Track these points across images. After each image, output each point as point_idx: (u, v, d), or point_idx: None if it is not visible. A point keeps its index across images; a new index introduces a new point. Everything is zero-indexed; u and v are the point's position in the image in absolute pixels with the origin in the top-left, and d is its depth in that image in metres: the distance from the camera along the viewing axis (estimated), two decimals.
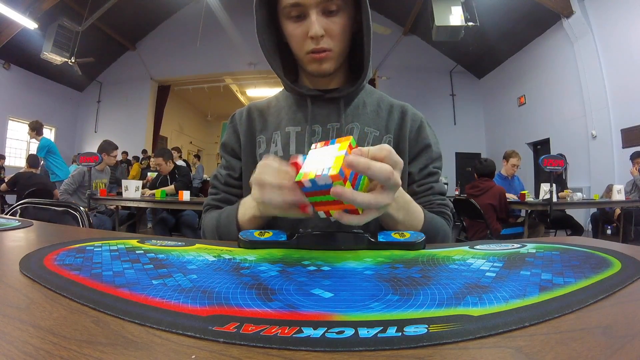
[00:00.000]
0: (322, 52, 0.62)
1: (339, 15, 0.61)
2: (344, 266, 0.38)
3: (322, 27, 0.60)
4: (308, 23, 0.60)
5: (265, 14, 0.66)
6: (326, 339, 0.20)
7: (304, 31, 0.61)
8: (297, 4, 0.59)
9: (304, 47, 0.63)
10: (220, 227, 0.63)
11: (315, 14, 0.59)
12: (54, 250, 0.42)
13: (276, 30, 0.68)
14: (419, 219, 0.58)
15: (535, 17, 6.15)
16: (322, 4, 0.59)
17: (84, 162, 2.89)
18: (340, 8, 0.61)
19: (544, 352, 0.18)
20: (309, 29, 0.60)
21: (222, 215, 0.64)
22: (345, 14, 0.62)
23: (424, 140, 0.71)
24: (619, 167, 5.01)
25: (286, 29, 0.64)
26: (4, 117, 7.81)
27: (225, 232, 0.61)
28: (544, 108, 6.69)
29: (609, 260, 0.37)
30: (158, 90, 9.59)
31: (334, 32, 0.61)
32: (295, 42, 0.63)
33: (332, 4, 0.60)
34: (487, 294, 0.27)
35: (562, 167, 2.82)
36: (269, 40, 0.68)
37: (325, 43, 0.61)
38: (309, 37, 0.60)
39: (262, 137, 0.71)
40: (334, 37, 0.62)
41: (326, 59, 0.63)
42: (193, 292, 0.28)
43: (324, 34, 0.60)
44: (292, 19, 0.62)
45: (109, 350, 0.19)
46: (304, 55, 0.64)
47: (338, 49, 0.63)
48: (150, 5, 7.93)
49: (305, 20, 0.61)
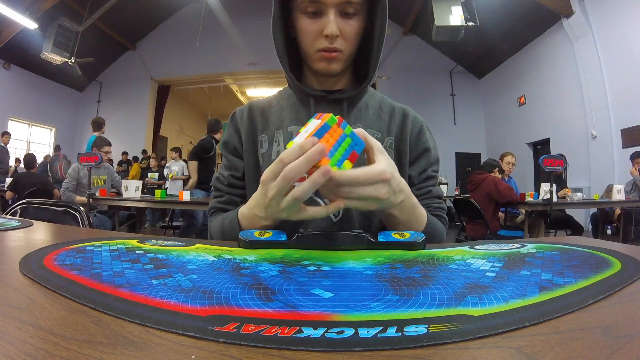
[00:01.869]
0: (333, 52, 0.62)
1: (354, 19, 0.62)
2: (344, 266, 0.38)
3: (338, 27, 0.60)
4: (325, 21, 0.60)
5: (278, 7, 0.66)
6: (326, 339, 0.20)
7: (319, 28, 0.61)
8: (316, 1, 0.59)
9: (315, 44, 0.63)
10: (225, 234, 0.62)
11: (333, 13, 0.60)
12: (54, 250, 0.42)
13: (285, 27, 0.68)
14: (422, 222, 0.59)
15: (535, 17, 6.15)
16: (341, 5, 0.60)
17: (84, 162, 2.89)
18: (357, 12, 0.61)
19: (544, 352, 0.18)
20: (324, 27, 0.60)
21: (226, 220, 0.63)
22: (361, 18, 0.63)
23: (423, 144, 0.71)
24: (619, 167, 5.01)
25: (300, 24, 0.63)
26: (4, 117, 7.82)
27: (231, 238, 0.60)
28: (544, 108, 6.69)
29: (609, 260, 0.37)
30: (158, 90, 9.60)
31: (348, 35, 0.62)
32: (307, 38, 0.63)
33: (351, 6, 0.60)
34: (487, 294, 0.27)
35: (562, 167, 2.83)
36: (280, 36, 0.67)
37: (338, 43, 0.62)
38: (324, 35, 0.60)
39: (264, 136, 0.71)
40: (347, 39, 0.62)
41: (336, 60, 0.63)
42: (193, 292, 0.28)
43: (339, 34, 0.60)
44: (308, 14, 0.62)
45: (109, 350, 0.18)
46: (314, 52, 0.64)
47: (348, 51, 0.64)
48: (150, 5, 7.93)
49: (321, 18, 0.61)
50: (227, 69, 8.95)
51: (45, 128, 9.06)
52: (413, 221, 0.56)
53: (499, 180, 3.10)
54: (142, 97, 9.32)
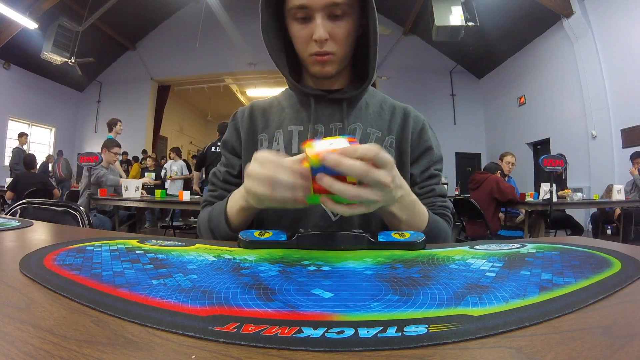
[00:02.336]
0: (325, 55, 0.62)
1: (344, 20, 0.62)
2: (344, 266, 0.38)
3: (327, 30, 0.60)
4: (313, 26, 0.60)
5: (272, 13, 0.66)
6: (326, 339, 0.20)
7: (309, 33, 0.61)
8: (304, 6, 0.60)
9: (307, 49, 0.63)
10: (212, 221, 0.63)
11: (320, 17, 0.60)
12: (54, 250, 0.42)
13: (283, 29, 0.68)
14: (423, 220, 0.59)
15: (535, 17, 6.15)
16: (328, 8, 0.60)
17: (84, 162, 2.90)
18: (346, 13, 0.61)
19: (544, 352, 0.18)
20: (313, 31, 0.60)
21: (214, 209, 0.65)
22: (351, 19, 0.63)
23: (425, 143, 0.71)
24: (619, 167, 5.01)
25: (291, 30, 0.64)
26: (4, 117, 7.82)
27: (216, 225, 0.62)
28: (544, 108, 6.69)
29: (609, 260, 0.37)
30: (158, 90, 9.59)
31: (338, 37, 0.62)
32: (299, 43, 0.64)
33: (338, 8, 0.60)
34: (487, 294, 0.27)
35: (562, 167, 2.83)
36: (276, 39, 0.68)
37: (328, 47, 0.62)
38: (313, 39, 0.61)
39: (264, 136, 0.71)
40: (338, 42, 0.62)
41: (329, 62, 0.64)
42: (193, 292, 0.28)
43: (328, 37, 0.60)
44: (297, 20, 0.62)
45: (109, 350, 0.19)
46: (307, 56, 0.64)
47: (341, 52, 0.64)
48: (150, 5, 7.93)
49: (310, 23, 0.61)
50: (227, 69, 8.95)
51: (45, 128, 9.05)
52: (414, 219, 0.56)
53: (500, 179, 3.10)
54: (142, 97, 9.31)
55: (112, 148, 3.43)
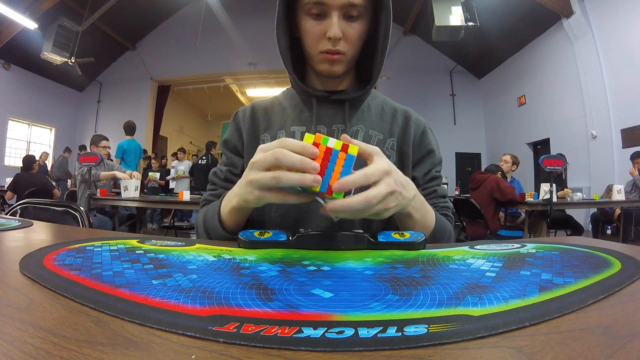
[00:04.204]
0: (335, 54, 0.62)
1: (358, 22, 0.62)
2: (344, 266, 0.38)
3: (341, 30, 0.60)
4: (328, 23, 0.60)
5: (283, 8, 0.66)
6: (326, 339, 0.20)
7: (322, 30, 0.61)
8: (320, 3, 0.60)
9: (318, 46, 0.63)
10: (207, 221, 0.63)
11: (336, 16, 0.60)
12: (54, 250, 0.42)
13: (289, 26, 0.68)
14: (432, 219, 0.59)
15: (535, 17, 6.15)
16: (345, 8, 0.60)
17: (84, 162, 2.91)
18: (361, 15, 0.62)
19: (544, 352, 0.18)
20: (327, 29, 0.60)
21: (209, 209, 0.64)
22: (364, 21, 0.63)
23: (427, 146, 0.72)
24: (619, 167, 5.01)
25: (303, 25, 0.64)
26: (4, 117, 7.81)
27: (210, 225, 0.61)
28: (544, 108, 6.69)
29: (609, 260, 0.37)
30: (158, 90, 9.58)
31: (351, 38, 0.62)
32: (310, 39, 0.64)
33: (355, 9, 0.60)
34: (487, 294, 0.27)
35: (562, 167, 2.83)
36: (284, 36, 0.68)
37: (341, 46, 0.62)
38: (327, 37, 0.61)
39: (267, 136, 0.71)
40: (350, 42, 0.62)
41: (338, 62, 0.64)
42: (193, 292, 0.28)
43: (342, 37, 0.60)
44: (312, 15, 0.62)
45: (109, 350, 0.19)
46: (317, 53, 0.64)
47: (351, 53, 0.64)
48: (150, 5, 7.92)
49: (325, 20, 0.61)
50: (227, 69, 8.94)
51: (45, 128, 9.05)
52: (426, 218, 0.57)
53: (501, 179, 3.10)
54: (142, 97, 9.30)
55: (99, 142, 3.43)
